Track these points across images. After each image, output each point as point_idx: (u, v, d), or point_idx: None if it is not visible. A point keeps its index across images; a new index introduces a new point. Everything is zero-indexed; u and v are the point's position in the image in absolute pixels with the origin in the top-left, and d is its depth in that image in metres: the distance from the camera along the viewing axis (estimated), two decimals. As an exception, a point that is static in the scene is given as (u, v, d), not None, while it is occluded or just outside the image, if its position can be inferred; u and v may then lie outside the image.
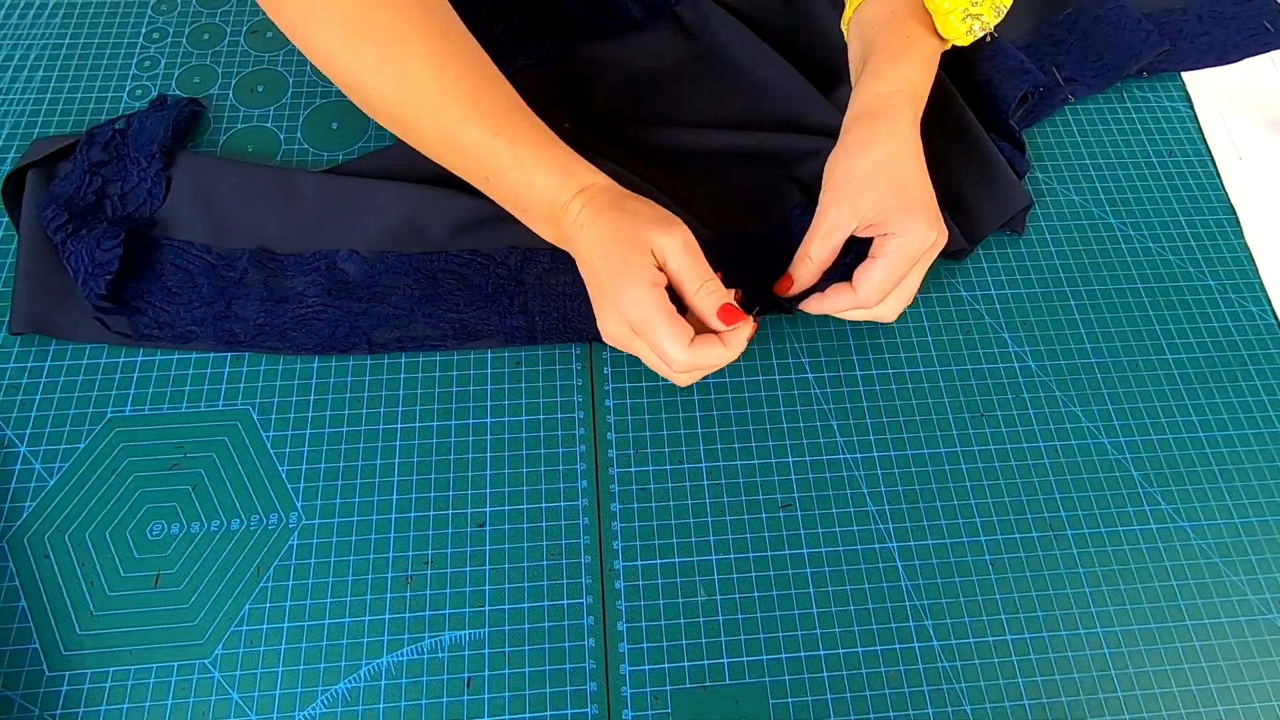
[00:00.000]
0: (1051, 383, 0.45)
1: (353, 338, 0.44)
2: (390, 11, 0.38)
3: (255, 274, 0.45)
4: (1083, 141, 0.54)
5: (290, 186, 0.47)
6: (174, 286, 0.44)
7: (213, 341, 0.43)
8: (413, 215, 0.46)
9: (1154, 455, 0.44)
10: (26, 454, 0.41)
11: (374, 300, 0.44)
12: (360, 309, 0.44)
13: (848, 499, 0.42)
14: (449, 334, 0.44)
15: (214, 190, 0.47)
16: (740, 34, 0.53)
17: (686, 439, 0.43)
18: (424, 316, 0.44)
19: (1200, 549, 0.41)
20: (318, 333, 0.44)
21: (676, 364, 0.38)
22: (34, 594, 0.38)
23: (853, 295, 0.42)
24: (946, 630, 0.39)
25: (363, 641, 0.38)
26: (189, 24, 0.56)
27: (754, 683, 0.37)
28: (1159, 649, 0.39)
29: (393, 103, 0.39)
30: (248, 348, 0.43)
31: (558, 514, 0.41)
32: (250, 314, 0.44)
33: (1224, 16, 0.59)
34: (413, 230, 0.46)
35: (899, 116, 0.42)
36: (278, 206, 0.47)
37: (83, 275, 0.42)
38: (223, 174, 0.48)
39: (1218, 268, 0.50)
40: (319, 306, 0.44)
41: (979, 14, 0.43)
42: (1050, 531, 0.41)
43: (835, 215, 0.41)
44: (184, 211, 0.46)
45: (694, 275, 0.38)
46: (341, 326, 0.44)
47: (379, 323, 0.44)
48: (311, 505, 0.40)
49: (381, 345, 0.44)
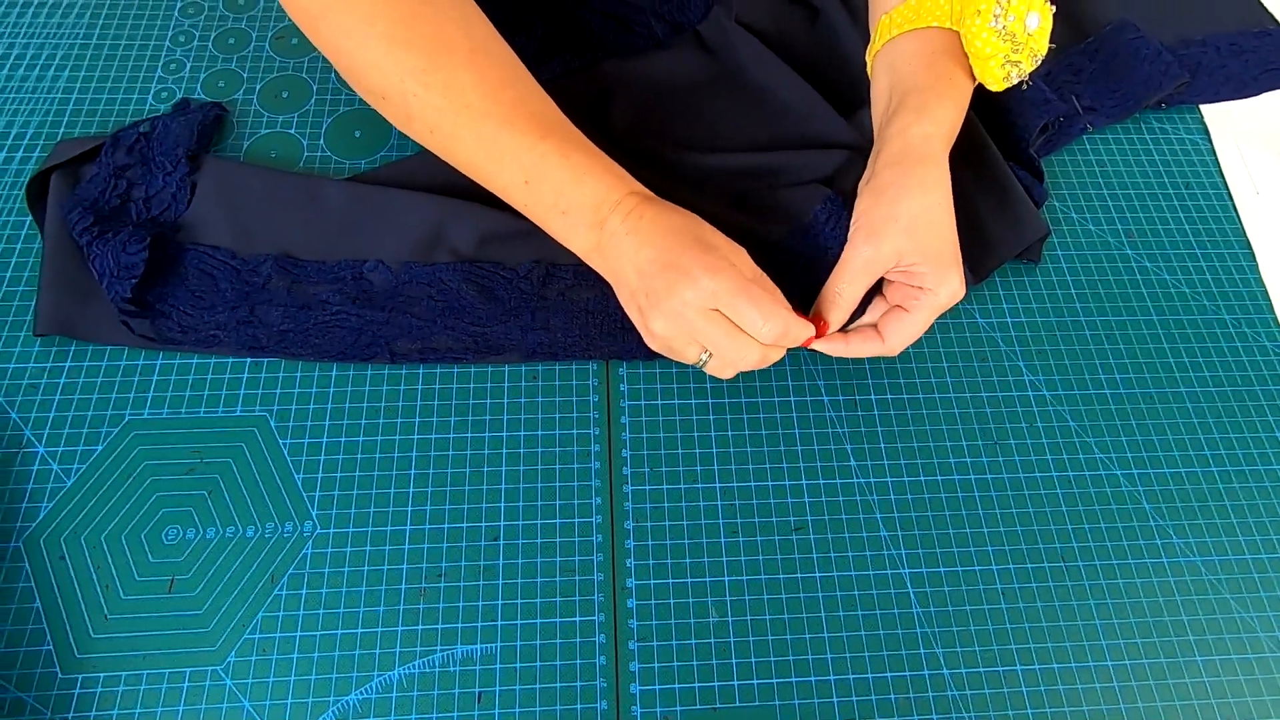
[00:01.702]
0: (1065, 413, 0.45)
1: (375, 346, 0.44)
2: (435, 25, 0.39)
3: (279, 280, 0.45)
4: (1100, 172, 0.54)
5: (314, 193, 0.47)
6: (198, 290, 0.44)
7: (236, 346, 0.43)
8: (437, 226, 0.46)
9: (1166, 489, 0.44)
10: (44, 454, 0.41)
11: (397, 310, 0.45)
12: (383, 318, 0.44)
13: (860, 524, 0.42)
14: (471, 347, 0.44)
15: (238, 195, 0.47)
16: (761, 54, 0.54)
17: (701, 459, 0.43)
18: (446, 329, 0.44)
19: (1211, 584, 0.41)
20: (340, 340, 0.44)
21: (767, 334, 0.37)
22: (49, 596, 0.38)
23: (879, 344, 0.42)
24: (957, 658, 0.39)
25: (375, 653, 0.38)
26: (215, 28, 0.56)
27: (764, 706, 0.37)
28: (1169, 684, 0.39)
29: (435, 110, 0.40)
30: (270, 353, 0.44)
31: (571, 530, 0.41)
32: (274, 320, 0.44)
33: (1243, 50, 0.59)
34: (436, 241, 0.46)
35: (942, 161, 0.42)
36: (302, 213, 0.47)
37: (108, 278, 0.42)
38: (247, 179, 0.48)
39: (1233, 301, 0.50)
40: (342, 314, 0.44)
41: (1018, 60, 0.43)
42: (1061, 562, 0.41)
43: (873, 253, 0.40)
44: (208, 216, 0.46)
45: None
46: (364, 335, 0.44)
47: (401, 333, 0.44)
48: (326, 514, 0.41)
49: (403, 355, 0.44)
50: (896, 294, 0.42)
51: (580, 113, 0.52)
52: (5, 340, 0.44)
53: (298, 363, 0.44)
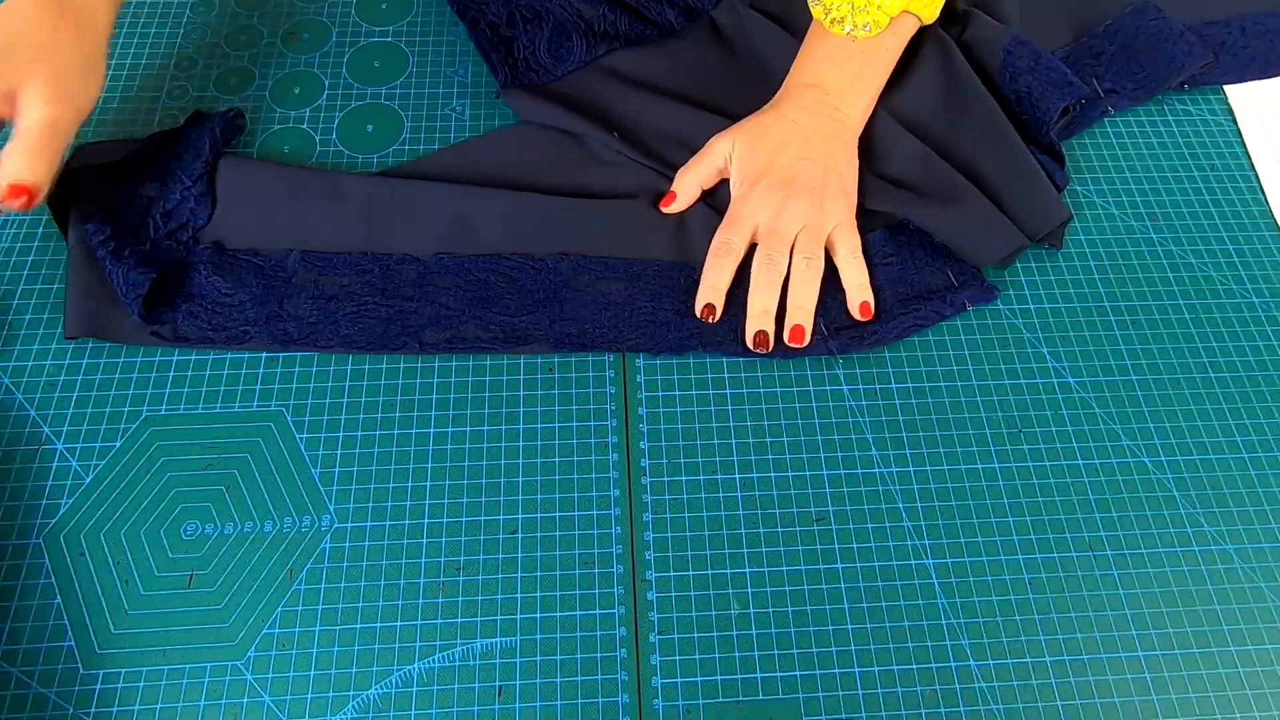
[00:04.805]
0: (1091, 399, 0.45)
1: (404, 336, 0.44)
2: None
3: (305, 273, 0.45)
4: (1123, 155, 0.53)
5: (336, 187, 0.47)
6: (225, 289, 0.44)
7: (267, 340, 0.43)
8: (462, 217, 0.46)
9: (1196, 475, 0.43)
10: (63, 451, 0.41)
11: (425, 300, 0.45)
12: (412, 308, 0.44)
13: (883, 514, 0.41)
14: (499, 337, 0.44)
15: (259, 195, 0.47)
16: (777, 38, 0.53)
17: (720, 449, 0.42)
18: (474, 319, 0.44)
19: (1244, 572, 0.40)
20: (369, 330, 0.44)
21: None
22: (69, 592, 0.38)
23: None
24: (984, 650, 0.38)
25: (394, 647, 0.37)
26: (227, 25, 0.56)
27: (788, 699, 0.37)
28: (1201, 674, 0.38)
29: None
30: (301, 346, 0.43)
31: (590, 523, 0.40)
32: (303, 312, 0.44)
33: (1268, 30, 0.58)
34: (462, 232, 0.46)
35: (779, 102, 0.50)
36: (324, 207, 0.47)
37: (120, 294, 0.43)
38: (267, 178, 0.48)
39: (1261, 284, 0.49)
40: (371, 304, 0.44)
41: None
42: (1090, 551, 0.41)
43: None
44: (231, 222, 0.46)
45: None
46: (394, 325, 0.44)
47: (430, 322, 0.44)
48: (344, 508, 0.40)
49: (432, 345, 0.44)
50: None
51: (600, 106, 0.51)
52: (23, 339, 0.44)
53: (313, 357, 0.44)
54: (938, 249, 0.47)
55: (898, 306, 0.46)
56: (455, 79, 0.55)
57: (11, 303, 0.45)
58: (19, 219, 0.48)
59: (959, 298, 0.46)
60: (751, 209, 0.46)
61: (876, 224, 0.48)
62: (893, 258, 0.47)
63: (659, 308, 0.45)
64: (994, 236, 0.47)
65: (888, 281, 0.46)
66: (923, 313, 0.45)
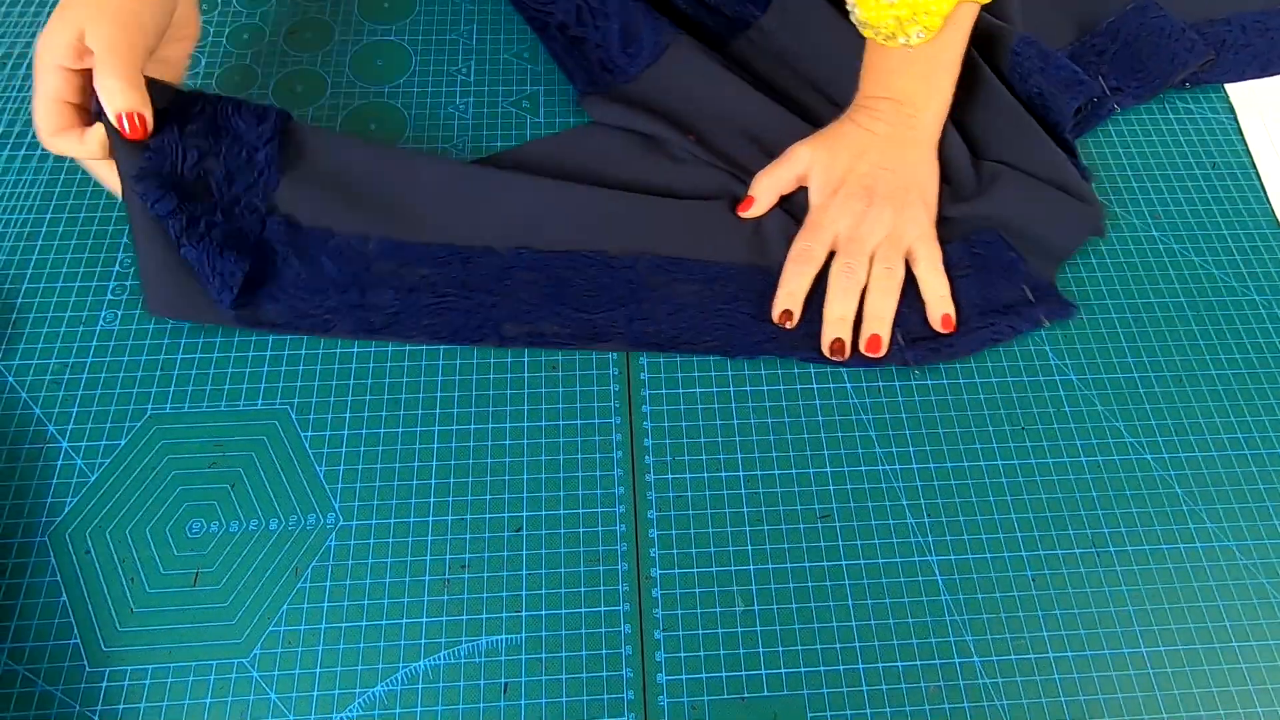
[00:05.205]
0: (1094, 396, 0.45)
1: (485, 329, 0.44)
2: None
3: (385, 264, 0.45)
4: (1124, 153, 0.53)
5: (412, 170, 0.47)
6: (303, 274, 0.44)
7: (350, 329, 0.43)
8: (540, 210, 0.46)
9: (1198, 471, 0.43)
10: (68, 449, 0.41)
11: (505, 294, 0.45)
12: (491, 301, 0.44)
13: (886, 510, 0.41)
14: (577, 334, 0.44)
15: (332, 170, 0.46)
16: (821, 43, 0.53)
17: (724, 447, 0.43)
18: (553, 314, 0.44)
19: (1246, 569, 0.41)
20: (451, 322, 0.44)
21: None
22: (75, 590, 0.38)
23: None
24: (987, 646, 0.38)
25: (400, 644, 0.38)
26: (229, 24, 0.56)
27: (792, 695, 0.37)
28: (1204, 669, 0.38)
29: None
30: (383, 335, 0.44)
31: (594, 520, 0.41)
32: (384, 302, 0.44)
33: (1268, 28, 0.58)
34: (540, 225, 0.46)
35: (843, 121, 0.50)
36: (401, 191, 0.46)
37: (205, 282, 0.42)
38: (340, 150, 0.47)
39: (1262, 281, 0.49)
40: (451, 296, 0.44)
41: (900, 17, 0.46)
42: (1093, 548, 0.41)
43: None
44: (302, 191, 0.45)
45: None
46: (474, 317, 0.44)
47: (510, 316, 0.44)
48: (349, 506, 0.40)
49: (512, 339, 0.44)
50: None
51: (672, 108, 0.51)
52: (27, 336, 0.44)
53: (317, 354, 0.44)
54: (1013, 263, 0.47)
55: (975, 319, 0.45)
56: (458, 78, 0.55)
57: (16, 300, 0.45)
58: (22, 217, 0.48)
59: (1035, 313, 0.45)
60: (832, 217, 0.46)
61: (953, 235, 0.48)
62: (969, 269, 0.47)
63: (735, 311, 0.45)
64: (1072, 222, 0.47)
65: (964, 294, 0.46)
66: (999, 327, 0.45)
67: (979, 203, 0.48)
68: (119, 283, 0.46)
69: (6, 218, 0.48)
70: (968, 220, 0.48)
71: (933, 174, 0.48)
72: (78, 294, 0.45)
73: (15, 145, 0.50)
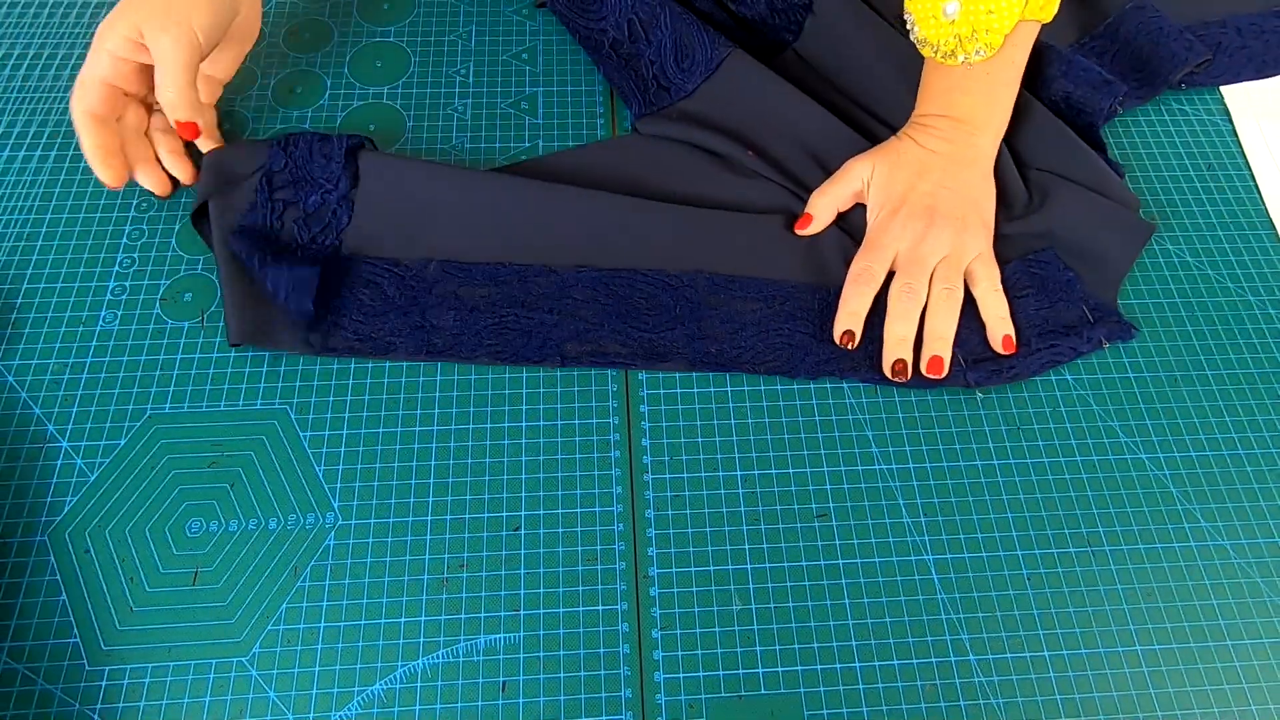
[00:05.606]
0: (1089, 396, 0.45)
1: (546, 349, 0.44)
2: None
3: (445, 284, 0.45)
4: (1119, 154, 0.54)
5: (470, 190, 0.47)
6: (366, 300, 0.45)
7: (412, 350, 0.44)
8: (599, 227, 0.46)
9: (1193, 472, 0.43)
10: (68, 449, 0.41)
11: (565, 314, 0.45)
12: (553, 321, 0.45)
13: (883, 510, 0.41)
14: (638, 353, 0.44)
15: (397, 201, 0.47)
16: (856, 59, 0.53)
17: (721, 447, 0.43)
18: (614, 333, 0.44)
19: (1240, 568, 0.41)
20: (512, 342, 0.44)
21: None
22: (75, 589, 0.38)
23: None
24: (983, 644, 0.39)
25: (398, 643, 0.38)
26: (229, 25, 0.56)
27: (789, 693, 0.37)
28: (1199, 668, 0.38)
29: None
30: (446, 356, 0.44)
31: (592, 520, 0.41)
32: (446, 323, 0.44)
33: (1263, 30, 0.58)
34: (599, 243, 0.46)
35: (901, 138, 0.50)
36: (459, 213, 0.47)
37: (284, 292, 0.43)
38: (403, 180, 0.47)
39: (1256, 282, 0.49)
40: (511, 316, 0.44)
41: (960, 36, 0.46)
42: (1088, 547, 0.41)
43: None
44: (370, 229, 0.46)
45: None
46: (535, 337, 0.44)
47: (571, 335, 0.44)
48: (348, 506, 0.41)
49: (574, 359, 0.44)
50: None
51: (729, 124, 0.50)
52: (27, 337, 0.44)
53: (316, 355, 0.44)
54: (1071, 281, 0.47)
55: (1035, 341, 0.45)
56: (457, 79, 0.55)
57: (16, 300, 0.45)
58: (22, 217, 0.48)
59: (1096, 334, 0.45)
60: (893, 236, 0.46)
61: (1010, 254, 0.48)
62: (1029, 290, 0.47)
63: (795, 330, 0.45)
64: (1125, 235, 0.47)
65: (1024, 314, 0.46)
66: (1060, 348, 0.45)
67: (1034, 219, 0.48)
68: (119, 283, 0.46)
69: (6, 218, 0.48)
70: (1023, 239, 0.48)
71: (990, 194, 0.48)
72: (78, 294, 0.46)
73: (15, 145, 0.50)
